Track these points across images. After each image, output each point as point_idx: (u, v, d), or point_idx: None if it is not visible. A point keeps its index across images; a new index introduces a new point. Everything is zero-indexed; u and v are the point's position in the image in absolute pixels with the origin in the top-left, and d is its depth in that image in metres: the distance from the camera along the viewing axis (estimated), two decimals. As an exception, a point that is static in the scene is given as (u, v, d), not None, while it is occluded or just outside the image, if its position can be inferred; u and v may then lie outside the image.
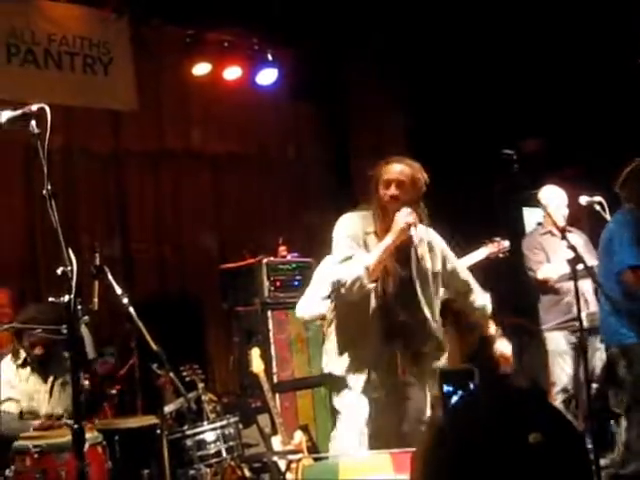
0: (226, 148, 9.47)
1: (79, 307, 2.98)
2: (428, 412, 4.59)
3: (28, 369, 5.51)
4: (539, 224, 7.12)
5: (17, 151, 8.19)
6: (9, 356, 5.63)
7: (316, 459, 5.75)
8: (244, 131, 9.52)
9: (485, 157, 6.58)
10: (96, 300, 4.68)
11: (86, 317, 3.05)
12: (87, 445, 3.79)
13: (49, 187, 3.11)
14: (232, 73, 9.07)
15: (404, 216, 4.42)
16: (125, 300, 4.49)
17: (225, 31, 8.87)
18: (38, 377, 5.51)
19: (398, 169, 4.56)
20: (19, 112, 3.29)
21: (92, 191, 8.65)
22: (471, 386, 3.54)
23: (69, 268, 2.94)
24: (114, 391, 5.99)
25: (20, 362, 5.51)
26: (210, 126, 9.32)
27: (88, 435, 4.31)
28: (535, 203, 6.76)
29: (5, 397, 5.38)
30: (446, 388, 3.55)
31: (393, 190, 4.52)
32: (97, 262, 4.74)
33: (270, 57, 9.09)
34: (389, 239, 4.43)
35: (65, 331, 5.09)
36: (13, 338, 5.72)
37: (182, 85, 9.13)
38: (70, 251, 2.98)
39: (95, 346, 4.28)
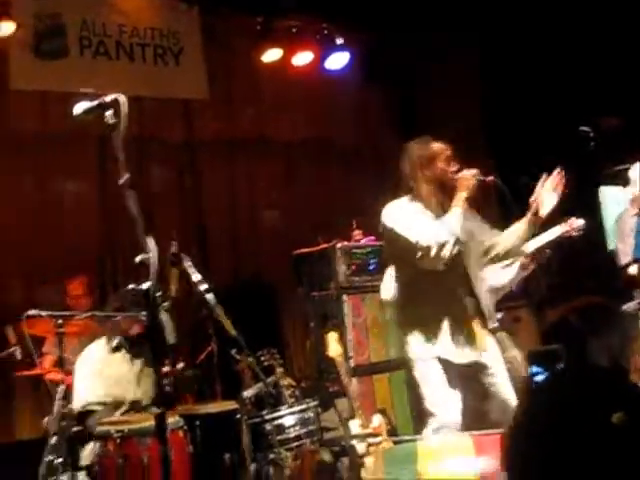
0: (297, 134, 9.49)
1: (159, 294, 3.00)
2: (513, 393, 4.57)
3: (119, 355, 5.61)
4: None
5: (92, 142, 8.35)
6: (98, 342, 5.73)
7: (395, 442, 5.73)
8: (315, 116, 9.53)
9: (562, 134, 6.46)
10: (174, 287, 4.74)
11: (166, 303, 3.07)
12: (169, 430, 3.82)
13: (126, 176, 3.14)
14: (302, 58, 9.09)
15: (469, 174, 4.48)
16: (203, 287, 4.53)
17: (294, 17, 8.88)
18: (128, 363, 5.61)
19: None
20: (95, 103, 3.31)
21: (166, 180, 8.77)
22: (557, 366, 3.50)
23: (148, 255, 2.97)
24: (193, 377, 6.05)
25: (113, 346, 5.61)
26: (281, 112, 9.36)
27: (170, 420, 4.37)
28: (615, 181, 6.59)
29: (81, 379, 5.50)
30: (534, 369, 3.53)
31: (455, 163, 4.56)
32: (174, 250, 4.80)
33: (340, 41, 9.07)
34: (460, 200, 4.46)
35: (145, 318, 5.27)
36: (99, 325, 5.85)
37: (252, 72, 9.17)
38: (149, 239, 3.00)
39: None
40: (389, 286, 5.36)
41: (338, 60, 9.18)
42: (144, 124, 8.21)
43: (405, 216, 4.64)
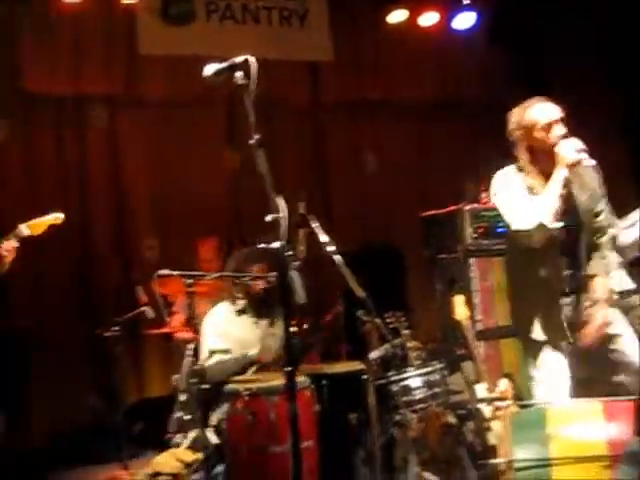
0: (424, 95, 9.39)
1: (289, 253, 3.02)
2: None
3: (244, 316, 5.71)
4: None
5: (220, 106, 8.46)
6: (222, 304, 5.84)
7: (522, 406, 5.66)
8: (442, 77, 9.41)
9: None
10: (302, 249, 4.77)
11: (296, 263, 3.08)
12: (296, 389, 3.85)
13: (256, 136, 3.15)
14: (428, 19, 8.97)
15: (571, 145, 4.28)
16: (330, 248, 4.54)
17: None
18: (253, 323, 5.70)
19: (553, 107, 4.45)
20: (225, 64, 3.35)
21: (292, 143, 8.82)
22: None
23: (278, 215, 2.99)
24: (320, 338, 6.09)
25: (239, 308, 5.71)
26: (407, 74, 9.26)
27: (297, 379, 4.41)
28: None
29: (214, 349, 5.61)
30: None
31: (560, 129, 4.36)
32: (302, 211, 4.82)
33: (466, 1, 8.91)
34: (559, 179, 4.29)
35: (274, 277, 5.33)
36: (227, 286, 5.95)
37: (378, 33, 9.10)
38: (279, 198, 3.02)
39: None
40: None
41: (465, 20, 9.03)
42: (270, 87, 8.24)
43: (505, 190, 4.53)
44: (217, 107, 8.52)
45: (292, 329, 5.37)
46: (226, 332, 5.69)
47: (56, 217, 4.85)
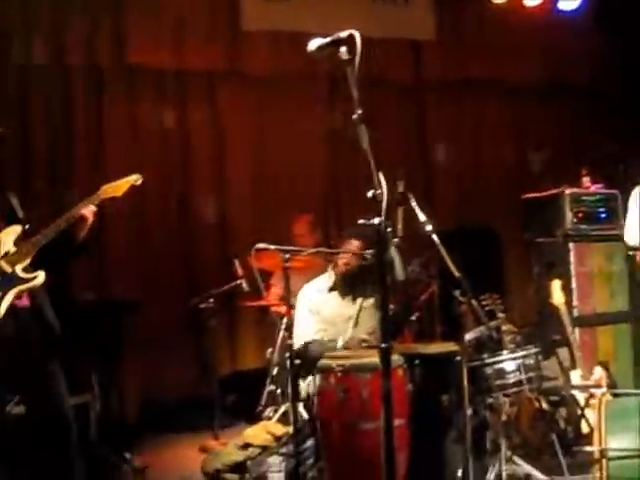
0: (528, 75, 9.22)
1: (389, 229, 3.01)
2: None
3: (334, 294, 5.72)
4: None
5: (321, 82, 8.47)
6: (314, 282, 5.86)
7: (617, 395, 5.56)
8: (545, 58, 9.23)
9: None
10: (400, 227, 4.75)
11: (396, 239, 3.07)
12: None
13: (359, 112, 3.14)
14: (534, -1, 8.80)
15: None
16: (428, 227, 4.51)
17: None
18: (345, 300, 5.71)
19: None
20: (329, 39, 3.34)
21: (392, 121, 8.78)
22: None
23: (379, 191, 2.98)
24: (413, 317, 6.06)
25: (331, 285, 5.73)
26: (511, 54, 9.11)
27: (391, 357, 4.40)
28: None
29: (312, 327, 5.67)
30: None
31: None
32: (401, 189, 4.80)
33: (573, -19, 8.72)
34: None
35: (371, 255, 5.32)
36: (321, 263, 5.98)
37: (481, 13, 8.99)
38: (380, 174, 3.01)
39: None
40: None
41: (570, 2, 8.82)
42: (372, 65, 8.22)
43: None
44: (318, 83, 8.53)
45: (390, 306, 5.42)
46: (318, 309, 5.71)
47: (135, 178, 4.71)
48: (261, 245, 5.03)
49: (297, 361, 5.22)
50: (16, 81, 7.62)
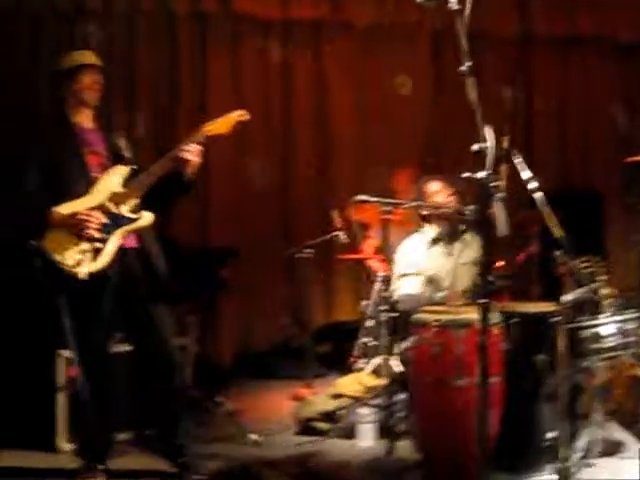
0: (635, 34, 8.94)
1: (493, 184, 2.98)
2: None
3: (437, 248, 5.71)
4: None
5: (425, 35, 8.40)
6: (415, 235, 5.84)
7: None
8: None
9: None
10: (504, 183, 4.68)
11: (500, 194, 3.02)
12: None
13: (467, 64, 3.09)
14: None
15: None
16: (532, 185, 4.44)
17: None
18: (443, 255, 5.70)
19: None
20: (441, -12, 3.30)
21: (496, 77, 8.63)
22: None
23: (485, 145, 2.95)
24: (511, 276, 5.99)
25: (431, 239, 5.72)
26: (620, 10, 8.82)
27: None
28: None
29: (402, 273, 5.68)
30: None
31: None
32: (505, 145, 4.72)
33: None
34: None
35: (470, 211, 5.28)
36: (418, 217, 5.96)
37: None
38: (487, 128, 2.97)
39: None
40: None
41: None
42: (478, 18, 8.04)
43: None
44: (423, 35, 8.47)
45: (492, 261, 5.39)
46: (417, 262, 5.71)
47: (240, 113, 4.62)
48: (361, 197, 5.02)
49: (393, 314, 5.25)
50: (123, 27, 7.71)
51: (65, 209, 4.23)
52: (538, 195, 4.43)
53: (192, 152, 4.42)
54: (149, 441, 5.19)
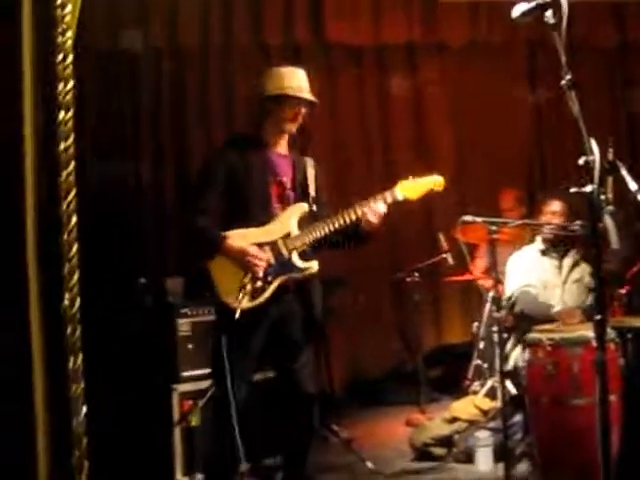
0: None
1: (602, 197, 2.92)
2: None
3: (547, 259, 5.64)
4: None
5: (521, 50, 8.34)
6: (530, 246, 5.77)
7: None
8: None
9: None
10: (610, 196, 4.59)
11: (610, 207, 2.96)
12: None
13: (568, 77, 3.05)
14: None
15: None
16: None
17: None
18: (555, 267, 5.63)
19: None
20: (534, 3, 3.26)
21: (596, 87, 8.50)
22: None
23: (591, 158, 2.90)
24: (623, 291, 5.86)
25: (539, 253, 5.66)
26: None
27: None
28: None
29: (525, 283, 5.61)
30: None
31: None
32: (610, 157, 4.63)
33: None
34: None
35: (579, 226, 5.18)
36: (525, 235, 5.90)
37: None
38: (592, 140, 2.93)
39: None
40: None
41: None
42: (575, 29, 7.95)
43: None
44: (518, 52, 8.45)
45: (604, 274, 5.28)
46: (529, 271, 5.64)
47: (437, 182, 4.43)
48: (467, 217, 4.99)
49: (505, 335, 5.20)
50: (218, 59, 7.85)
51: (238, 237, 4.20)
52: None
53: (376, 215, 4.31)
54: (269, 471, 5.22)
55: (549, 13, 3.20)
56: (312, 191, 4.43)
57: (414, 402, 6.88)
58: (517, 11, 3.35)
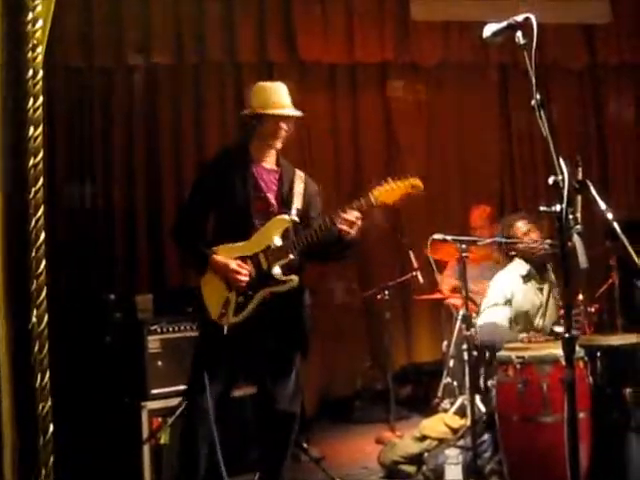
0: None
1: (571, 216, 2.95)
2: None
3: (529, 284, 5.59)
4: None
5: (492, 70, 8.42)
6: (509, 271, 5.75)
7: None
8: None
9: None
10: (579, 215, 4.62)
11: (578, 226, 2.98)
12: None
13: (538, 97, 3.07)
14: None
15: None
16: (609, 216, 4.37)
17: None
18: (537, 292, 5.60)
19: None
20: (505, 24, 3.30)
21: (567, 107, 8.60)
22: None
23: (560, 177, 2.93)
24: (592, 309, 5.91)
25: (523, 275, 5.60)
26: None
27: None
28: None
29: (493, 303, 5.57)
30: None
31: None
32: (579, 176, 4.67)
33: None
34: None
35: (549, 245, 5.21)
36: (495, 254, 5.91)
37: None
38: (561, 160, 2.95)
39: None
40: None
41: None
42: (545, 51, 8.05)
43: None
44: (489, 72, 8.50)
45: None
46: (513, 297, 5.60)
47: (413, 184, 4.36)
48: (438, 236, 5.01)
49: (475, 353, 5.21)
50: (192, 78, 7.86)
51: (224, 251, 4.26)
52: (615, 225, 4.36)
53: (350, 223, 4.25)
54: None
55: (519, 34, 3.24)
56: (298, 203, 4.45)
57: (384, 420, 6.88)
58: (488, 31, 3.38)
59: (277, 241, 4.29)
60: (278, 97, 4.48)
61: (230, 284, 4.22)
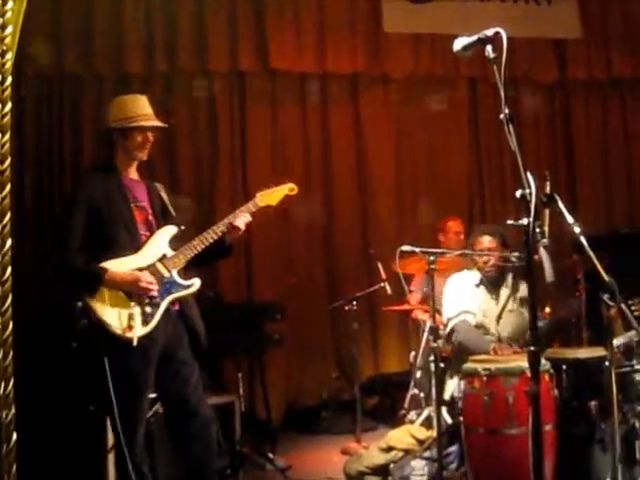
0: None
1: (538, 230, 2.97)
2: None
3: (482, 288, 5.67)
4: None
5: (463, 83, 8.48)
6: (464, 273, 5.80)
7: None
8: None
9: None
10: (546, 229, 4.65)
11: (545, 240, 3.01)
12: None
13: (507, 111, 3.09)
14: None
15: None
16: (576, 229, 4.41)
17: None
18: (491, 298, 5.65)
19: None
20: (475, 38, 3.32)
21: (536, 122, 8.67)
22: None
23: (528, 191, 2.95)
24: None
25: (476, 282, 5.68)
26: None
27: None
28: None
29: (464, 309, 5.62)
30: None
31: None
32: (547, 190, 4.71)
33: None
34: None
35: (515, 258, 5.24)
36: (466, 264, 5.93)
37: (628, 11, 8.75)
38: (529, 174, 2.97)
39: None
40: None
41: None
42: (516, 65, 8.11)
43: None
44: (460, 85, 8.55)
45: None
46: (469, 296, 5.64)
47: (291, 187, 4.65)
48: (406, 247, 5.02)
49: (442, 364, 5.23)
50: (162, 87, 7.85)
51: (116, 266, 4.19)
52: (582, 239, 4.40)
53: (242, 224, 4.45)
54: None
55: (489, 47, 3.26)
56: (170, 211, 4.52)
57: (350, 431, 6.86)
58: (458, 45, 3.40)
59: (170, 250, 4.33)
60: (142, 109, 4.48)
61: (133, 296, 4.17)
